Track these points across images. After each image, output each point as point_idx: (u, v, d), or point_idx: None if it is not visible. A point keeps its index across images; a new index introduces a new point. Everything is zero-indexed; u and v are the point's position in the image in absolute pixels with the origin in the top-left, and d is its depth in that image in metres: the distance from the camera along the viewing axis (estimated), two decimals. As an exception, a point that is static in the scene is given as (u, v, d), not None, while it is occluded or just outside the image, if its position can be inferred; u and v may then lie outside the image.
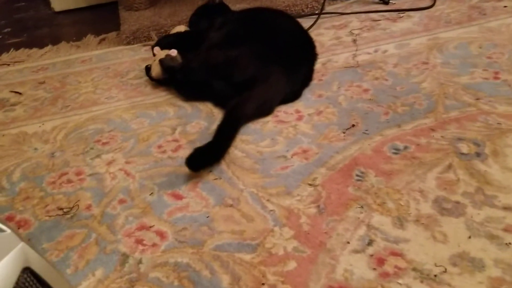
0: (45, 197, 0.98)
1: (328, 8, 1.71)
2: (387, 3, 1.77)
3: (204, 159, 1.00)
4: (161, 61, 1.31)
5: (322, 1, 1.70)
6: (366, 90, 1.24)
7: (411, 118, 1.10)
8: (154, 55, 1.37)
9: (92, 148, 1.13)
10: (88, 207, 0.94)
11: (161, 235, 0.86)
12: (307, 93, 1.26)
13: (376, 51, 1.45)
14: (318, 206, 0.88)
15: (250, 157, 1.04)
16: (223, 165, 1.02)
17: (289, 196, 0.91)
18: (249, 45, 1.20)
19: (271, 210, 0.89)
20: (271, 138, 1.09)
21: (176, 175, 1.01)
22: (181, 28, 1.54)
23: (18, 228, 0.90)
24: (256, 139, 1.10)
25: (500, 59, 1.31)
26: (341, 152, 1.02)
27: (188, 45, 1.37)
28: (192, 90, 1.27)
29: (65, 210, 0.93)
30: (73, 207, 0.94)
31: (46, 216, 0.93)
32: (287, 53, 1.21)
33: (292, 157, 1.03)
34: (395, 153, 1.00)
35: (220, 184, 0.97)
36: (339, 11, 1.75)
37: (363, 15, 1.71)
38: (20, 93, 1.44)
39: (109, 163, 1.06)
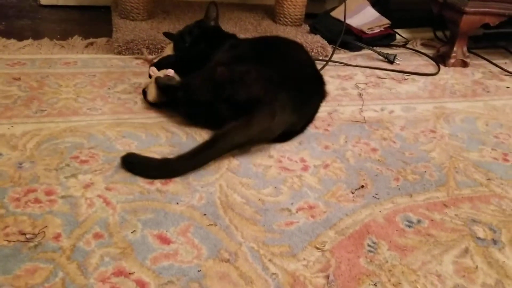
0: (5, 216, 0.81)
1: (333, 57, 1.66)
2: (392, 62, 1.74)
3: (155, 173, 0.97)
4: (157, 80, 1.18)
5: (333, 50, 1.64)
6: (374, 150, 1.17)
7: (422, 189, 1.04)
8: (150, 76, 1.24)
9: (67, 165, 0.97)
10: (57, 237, 0.78)
11: (142, 286, 0.72)
12: (312, 142, 1.17)
13: (382, 109, 1.39)
14: (327, 277, 0.77)
15: (251, 205, 0.92)
16: (219, 209, 0.90)
17: (294, 259, 0.80)
18: (259, 65, 1.10)
19: (273, 274, 0.77)
20: (274, 186, 0.99)
21: (165, 213, 0.87)
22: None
23: (-34, 252, 0.73)
24: (257, 184, 0.99)
25: (507, 140, 1.28)
26: (350, 215, 0.92)
27: (189, 68, 1.24)
28: (191, 111, 1.14)
29: (28, 236, 0.77)
30: (38, 233, 0.78)
31: (4, 240, 0.76)
32: (297, 82, 1.11)
33: (297, 212, 0.92)
34: (409, 226, 0.92)
35: (216, 232, 0.84)
36: (344, 61, 1.70)
37: (368, 70, 1.67)
38: (-11, 86, 1.26)
39: (87, 186, 0.91)
